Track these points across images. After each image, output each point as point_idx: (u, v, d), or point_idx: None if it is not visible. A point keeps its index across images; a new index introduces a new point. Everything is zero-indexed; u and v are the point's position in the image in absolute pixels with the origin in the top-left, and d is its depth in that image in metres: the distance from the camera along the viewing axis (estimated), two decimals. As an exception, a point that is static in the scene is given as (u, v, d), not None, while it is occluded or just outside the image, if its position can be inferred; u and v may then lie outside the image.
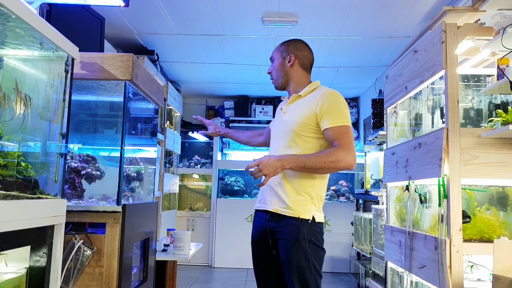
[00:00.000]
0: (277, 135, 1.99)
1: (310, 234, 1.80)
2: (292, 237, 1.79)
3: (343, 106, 1.85)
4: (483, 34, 2.09)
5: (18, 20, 1.25)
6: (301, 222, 1.80)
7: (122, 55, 2.07)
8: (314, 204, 1.85)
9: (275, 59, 2.03)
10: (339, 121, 1.81)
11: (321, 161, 1.76)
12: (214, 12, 3.59)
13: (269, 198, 1.91)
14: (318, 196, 1.88)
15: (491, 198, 2.11)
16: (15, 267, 1.46)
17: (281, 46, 2.03)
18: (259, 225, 1.95)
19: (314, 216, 1.83)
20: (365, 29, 3.86)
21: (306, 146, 1.86)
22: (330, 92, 1.87)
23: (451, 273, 1.84)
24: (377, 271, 3.90)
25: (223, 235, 5.85)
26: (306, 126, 1.86)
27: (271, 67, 2.05)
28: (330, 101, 1.84)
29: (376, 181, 4.60)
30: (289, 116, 1.94)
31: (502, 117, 1.88)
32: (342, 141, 1.78)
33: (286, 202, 1.84)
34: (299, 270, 1.77)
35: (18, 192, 1.31)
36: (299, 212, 1.81)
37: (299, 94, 1.96)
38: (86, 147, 2.36)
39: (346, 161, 1.76)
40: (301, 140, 1.87)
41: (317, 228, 1.84)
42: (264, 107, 6.40)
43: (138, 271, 2.41)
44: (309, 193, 1.85)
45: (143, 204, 2.39)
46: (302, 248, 1.77)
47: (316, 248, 1.81)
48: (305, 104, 1.90)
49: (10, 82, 1.45)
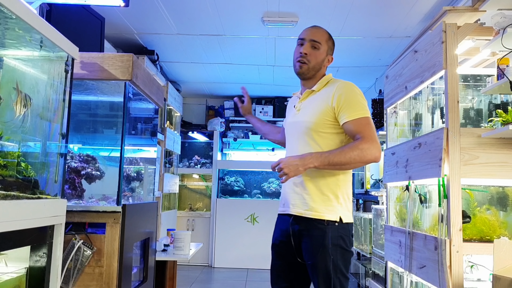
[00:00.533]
0: (294, 135, 1.87)
1: (337, 238, 1.70)
2: (317, 242, 1.70)
3: (360, 97, 1.76)
4: (483, 34, 2.09)
5: (18, 20, 1.25)
6: (327, 225, 1.71)
7: (122, 55, 2.07)
8: (341, 204, 1.75)
9: (321, 49, 1.85)
10: (358, 113, 1.71)
11: (346, 156, 1.65)
12: (214, 12, 3.59)
13: (292, 201, 1.80)
14: (345, 194, 1.78)
15: (491, 198, 2.11)
16: (15, 267, 1.46)
17: (330, 40, 1.89)
18: (283, 227, 1.84)
19: (342, 217, 1.73)
20: (365, 29, 3.86)
21: (326, 143, 1.76)
22: (345, 84, 1.78)
23: (451, 273, 1.84)
24: (377, 271, 3.90)
25: (223, 235, 5.85)
26: (323, 122, 1.77)
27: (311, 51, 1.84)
28: (347, 93, 1.74)
29: (376, 181, 4.60)
30: (304, 113, 1.84)
31: (502, 117, 1.88)
32: (364, 132, 1.68)
33: (310, 204, 1.74)
34: (325, 275, 1.68)
35: (18, 192, 1.31)
36: (324, 214, 1.72)
37: (312, 89, 1.85)
38: (86, 147, 2.36)
39: (372, 153, 1.66)
40: (320, 138, 1.77)
41: (344, 230, 1.74)
42: (264, 107, 6.40)
43: (138, 271, 2.41)
44: (334, 192, 1.75)
45: (143, 204, 2.39)
46: (328, 253, 1.69)
47: (343, 252, 1.72)
48: (320, 99, 1.81)
49: (10, 82, 1.45)
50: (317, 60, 1.84)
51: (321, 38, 1.85)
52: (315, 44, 1.84)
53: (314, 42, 1.84)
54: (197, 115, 6.72)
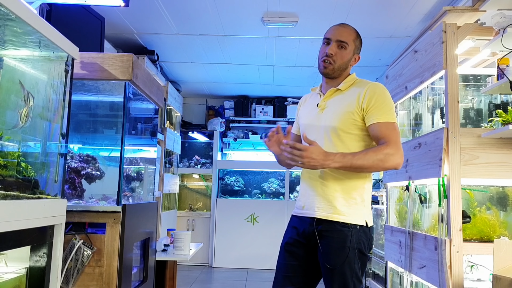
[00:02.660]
0: (317, 133, 1.77)
1: (358, 242, 1.67)
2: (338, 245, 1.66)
3: (390, 101, 1.71)
4: (483, 34, 2.09)
5: (18, 20, 1.25)
6: (351, 229, 1.67)
7: (122, 55, 2.07)
8: (366, 207, 1.72)
9: (348, 49, 1.78)
10: (387, 117, 1.66)
11: (369, 159, 1.60)
12: (214, 12, 3.59)
13: (317, 204, 1.72)
14: (369, 197, 1.74)
15: (491, 198, 2.11)
16: (15, 267, 1.46)
17: (357, 39, 1.83)
18: (300, 227, 1.76)
19: (367, 221, 1.70)
20: (365, 29, 3.85)
21: (351, 143, 1.71)
22: (378, 86, 1.73)
23: (451, 273, 1.84)
24: (377, 271, 3.90)
25: (223, 235, 5.85)
26: (351, 121, 1.71)
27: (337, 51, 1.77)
28: (379, 95, 1.69)
29: (376, 181, 4.60)
30: (330, 111, 1.76)
31: (502, 117, 1.88)
32: (390, 138, 1.63)
33: (337, 207, 1.68)
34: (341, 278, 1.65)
35: (18, 192, 1.31)
36: (351, 217, 1.67)
37: (338, 88, 1.78)
38: (86, 147, 2.36)
39: (395, 160, 1.61)
40: (347, 138, 1.72)
41: (366, 234, 1.70)
42: (264, 107, 6.40)
43: (138, 271, 2.41)
44: (361, 195, 1.71)
45: (143, 204, 2.39)
46: (348, 258, 1.65)
47: (361, 256, 1.68)
48: (348, 99, 1.74)
49: (11, 82, 1.45)
50: (343, 60, 1.77)
51: (348, 38, 1.78)
52: (342, 44, 1.77)
53: (341, 43, 1.77)
54: (197, 115, 6.72)
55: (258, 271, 5.53)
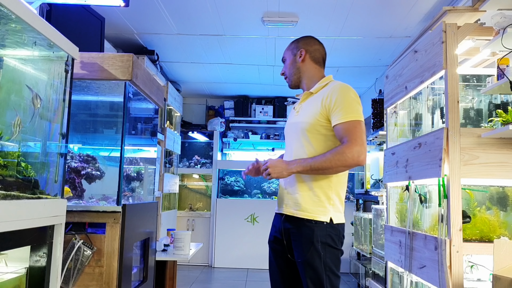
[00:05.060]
0: (291, 136, 1.90)
1: (325, 236, 1.72)
2: (306, 240, 1.72)
3: (353, 100, 1.75)
4: (483, 34, 2.09)
5: (18, 20, 1.25)
6: (316, 224, 1.73)
7: (122, 55, 2.07)
8: (332, 205, 1.76)
9: (287, 58, 1.97)
10: (348, 116, 1.71)
11: (328, 160, 1.67)
12: (214, 12, 3.59)
13: (285, 201, 1.84)
14: (337, 195, 1.79)
15: (491, 198, 2.11)
16: (15, 267, 1.46)
17: (291, 45, 1.97)
18: (276, 224, 1.89)
19: (332, 218, 1.74)
20: (365, 29, 3.86)
21: (320, 145, 1.77)
22: (340, 86, 1.78)
23: (451, 273, 1.84)
24: (377, 271, 3.90)
25: (223, 235, 5.85)
26: (318, 123, 1.77)
27: (284, 67, 1.98)
28: (339, 95, 1.74)
29: (376, 181, 4.60)
30: (301, 115, 1.85)
31: (502, 117, 1.88)
32: (349, 136, 1.68)
33: (302, 204, 1.76)
34: (312, 272, 1.70)
35: (18, 192, 1.31)
36: (315, 214, 1.74)
37: (311, 91, 1.87)
38: (86, 147, 2.36)
39: (354, 157, 1.65)
40: (314, 139, 1.78)
41: (334, 230, 1.75)
42: (264, 107, 6.40)
43: (138, 271, 2.41)
44: (326, 193, 1.76)
45: (143, 204, 2.39)
46: (317, 250, 1.70)
47: (332, 250, 1.73)
48: (315, 101, 1.82)
49: (11, 82, 1.45)
50: (288, 68, 1.96)
51: (285, 53, 1.99)
52: (283, 61, 2.01)
53: (282, 61, 2.01)
54: (197, 115, 6.72)
55: (258, 271, 5.53)
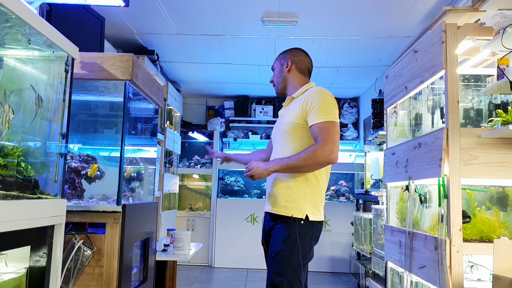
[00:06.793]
0: (275, 139, 2.04)
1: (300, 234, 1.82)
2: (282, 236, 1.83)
3: (328, 102, 1.87)
4: (483, 34, 2.09)
5: (18, 20, 1.25)
6: (293, 221, 1.84)
7: (122, 55, 2.07)
8: (309, 203, 1.87)
9: (276, 68, 2.12)
10: (322, 117, 1.82)
11: (301, 159, 1.79)
12: (214, 12, 3.59)
13: (268, 200, 1.98)
14: (314, 193, 1.90)
15: (491, 198, 2.11)
16: (15, 267, 1.46)
17: (280, 55, 2.12)
18: (265, 224, 2.02)
19: (308, 215, 1.85)
20: (365, 29, 3.86)
21: (300, 145, 1.89)
22: (317, 90, 1.91)
23: (451, 273, 1.84)
24: (377, 271, 3.90)
25: (223, 235, 5.85)
26: (298, 126, 1.91)
27: (273, 76, 2.13)
28: (315, 98, 1.87)
29: (376, 181, 4.60)
30: (284, 117, 2.00)
31: (502, 117, 1.88)
32: (322, 136, 1.80)
33: (280, 202, 1.89)
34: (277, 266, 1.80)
35: (18, 192, 1.31)
36: (291, 211, 1.85)
37: (293, 96, 2.01)
38: (86, 147, 2.36)
39: (325, 156, 1.77)
40: (294, 141, 1.91)
41: (309, 227, 1.86)
42: (264, 107, 6.40)
43: (138, 271, 2.41)
44: (303, 191, 1.87)
45: (143, 204, 2.39)
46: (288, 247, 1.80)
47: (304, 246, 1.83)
48: (296, 104, 1.96)
49: (10, 82, 1.45)
50: (276, 77, 2.11)
51: (274, 63, 2.14)
52: (272, 70, 2.15)
53: (272, 70, 2.16)
54: (197, 115, 6.72)
55: (258, 271, 5.53)
